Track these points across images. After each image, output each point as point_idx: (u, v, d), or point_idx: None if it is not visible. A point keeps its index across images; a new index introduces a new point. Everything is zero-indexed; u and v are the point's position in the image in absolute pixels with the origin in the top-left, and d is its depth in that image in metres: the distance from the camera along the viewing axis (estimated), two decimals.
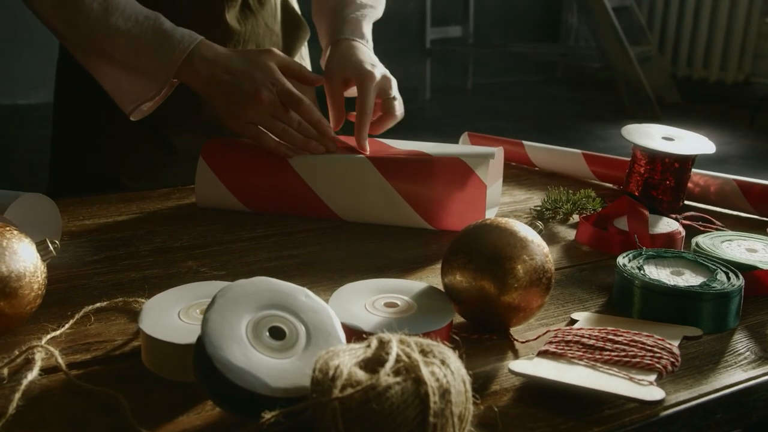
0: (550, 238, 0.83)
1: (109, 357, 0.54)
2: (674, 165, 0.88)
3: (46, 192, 1.12)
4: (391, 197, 0.82)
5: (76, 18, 0.87)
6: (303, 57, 1.25)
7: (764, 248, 0.72)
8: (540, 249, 0.57)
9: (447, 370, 0.42)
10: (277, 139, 0.86)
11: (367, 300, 0.57)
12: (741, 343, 0.59)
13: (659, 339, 0.53)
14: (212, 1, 1.03)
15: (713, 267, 0.65)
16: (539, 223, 0.64)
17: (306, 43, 1.25)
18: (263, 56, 0.88)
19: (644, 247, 0.69)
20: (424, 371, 0.41)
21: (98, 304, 0.61)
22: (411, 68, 5.02)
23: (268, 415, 0.41)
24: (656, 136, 0.90)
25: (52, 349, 0.52)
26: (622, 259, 0.66)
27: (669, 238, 0.76)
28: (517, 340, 0.58)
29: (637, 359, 0.51)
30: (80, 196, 0.95)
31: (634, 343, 0.53)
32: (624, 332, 0.54)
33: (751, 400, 0.53)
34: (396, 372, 0.41)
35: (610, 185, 1.04)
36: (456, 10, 5.25)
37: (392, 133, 0.93)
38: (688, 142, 0.89)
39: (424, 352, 0.44)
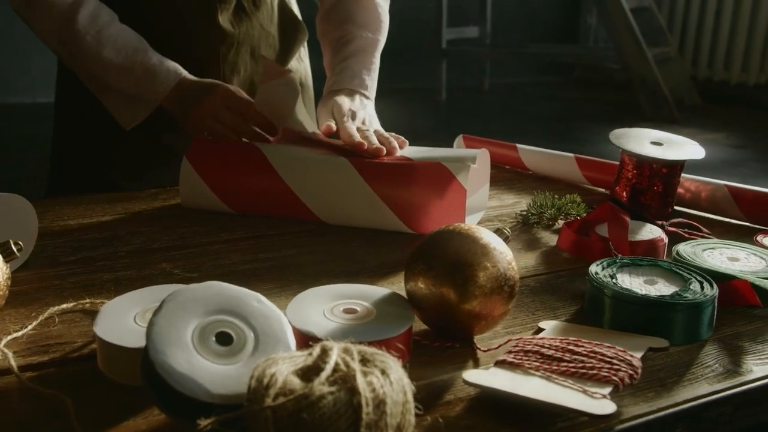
0: (533, 243, 0.81)
1: (67, 359, 0.54)
2: (662, 170, 0.86)
3: (47, 191, 1.14)
4: (372, 201, 0.82)
5: (74, 49, 0.95)
6: (302, 58, 1.25)
7: (747, 257, 0.71)
8: (503, 256, 0.56)
9: (386, 380, 0.41)
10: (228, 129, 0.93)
11: (327, 306, 0.56)
12: (711, 355, 0.57)
13: (620, 350, 0.52)
14: (205, 4, 1.03)
15: (687, 276, 0.63)
16: (506, 230, 0.63)
17: (305, 44, 1.24)
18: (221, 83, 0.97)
19: (619, 255, 0.68)
20: (360, 381, 0.40)
21: (64, 306, 0.62)
22: (427, 69, 5.01)
23: (203, 422, 0.41)
24: (645, 141, 0.88)
25: (6, 351, 0.52)
26: (594, 267, 0.64)
27: (650, 246, 0.75)
28: (479, 349, 0.57)
29: (594, 371, 0.50)
30: (70, 195, 0.96)
31: (594, 355, 0.51)
32: (585, 343, 0.53)
33: (714, 415, 0.51)
34: (332, 381, 0.40)
35: (602, 190, 1.02)
36: (473, 11, 5.22)
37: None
38: (677, 147, 0.87)
39: (365, 361, 0.43)
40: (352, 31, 1.06)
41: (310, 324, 0.53)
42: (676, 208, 0.93)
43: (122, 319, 0.53)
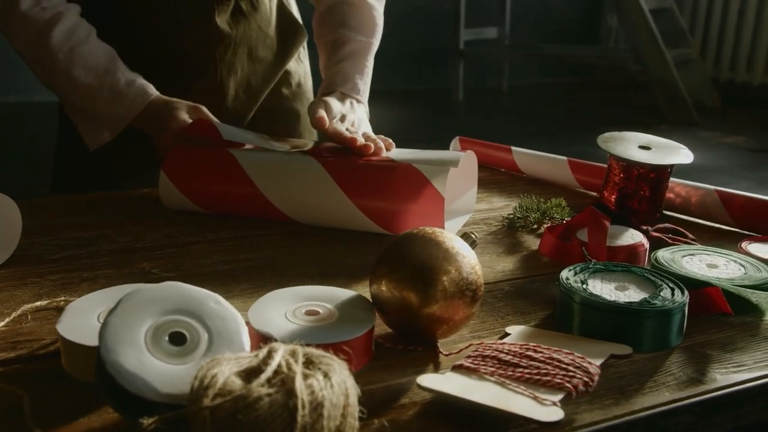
0: (515, 247, 0.81)
1: (33, 356, 0.55)
2: (650, 175, 0.86)
3: (50, 189, 1.16)
4: (348, 209, 0.82)
5: (46, 67, 0.95)
6: (301, 59, 1.25)
7: (726, 264, 0.70)
8: (466, 261, 0.56)
9: (327, 382, 0.42)
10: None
11: (290, 307, 0.57)
12: (677, 363, 0.56)
13: (579, 357, 0.52)
14: (202, 5, 1.04)
15: (660, 283, 0.63)
16: (474, 235, 0.63)
17: (305, 46, 1.25)
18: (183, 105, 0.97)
19: (593, 260, 0.67)
20: (299, 383, 0.40)
21: (38, 303, 0.63)
22: (444, 69, 5.00)
23: (146, 421, 0.41)
24: (633, 145, 0.88)
25: None
26: (566, 273, 0.64)
27: (631, 251, 0.74)
28: (441, 353, 0.57)
29: (548, 377, 0.49)
30: (71, 194, 0.98)
31: (550, 361, 0.51)
32: (544, 349, 0.53)
33: (672, 424, 0.51)
34: (271, 383, 0.41)
35: (595, 194, 1.01)
36: (491, 12, 5.20)
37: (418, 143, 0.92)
38: (666, 151, 0.86)
39: (309, 364, 0.43)
40: (345, 35, 1.07)
41: (269, 325, 0.53)
42: (667, 213, 0.92)
43: (86, 318, 0.54)
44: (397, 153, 0.87)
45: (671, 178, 0.91)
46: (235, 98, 1.13)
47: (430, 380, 0.50)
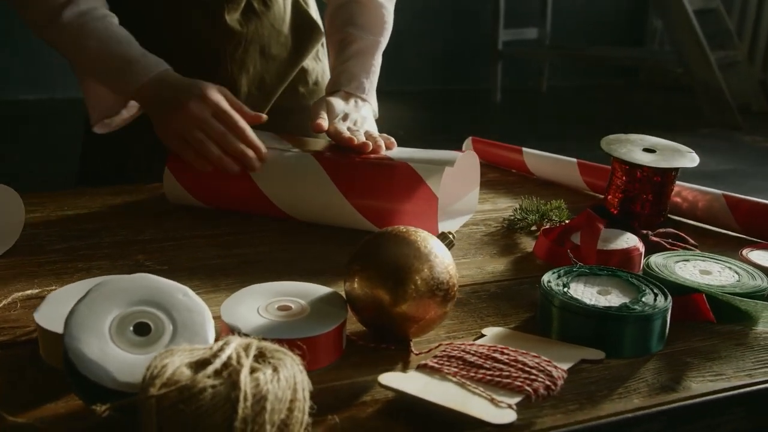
0: (510, 248, 0.80)
1: (15, 342, 0.57)
2: (654, 178, 0.84)
3: (75, 182, 1.19)
4: (345, 208, 0.82)
5: (57, 39, 0.95)
6: (319, 58, 1.26)
7: (721, 271, 0.68)
8: (439, 260, 0.56)
9: (275, 377, 0.42)
10: (194, 155, 0.86)
11: (264, 302, 0.57)
12: (652, 370, 0.55)
13: (545, 360, 0.51)
14: (211, 3, 1.06)
15: (642, 287, 0.61)
16: (451, 235, 0.63)
17: (324, 44, 1.26)
18: (210, 84, 0.90)
19: (578, 263, 0.66)
20: (243, 376, 0.41)
21: (29, 291, 0.65)
22: (481, 70, 4.97)
23: (99, 408, 0.43)
24: (637, 148, 0.86)
25: None
26: (548, 276, 0.63)
27: (625, 255, 0.73)
28: (413, 352, 0.57)
29: (509, 380, 0.49)
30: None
31: (515, 363, 0.51)
32: (512, 351, 0.52)
33: (639, 431, 0.50)
34: (217, 375, 0.41)
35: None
36: (532, 12, 5.15)
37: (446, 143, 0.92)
38: (671, 154, 0.84)
39: (261, 357, 0.44)
40: (353, 33, 1.07)
41: (238, 319, 0.54)
42: (673, 217, 0.90)
43: (64, 307, 0.55)
44: (398, 152, 0.87)
45: (679, 182, 0.89)
46: (248, 95, 1.14)
47: (391, 379, 0.50)
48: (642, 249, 0.74)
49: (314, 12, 1.22)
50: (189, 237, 0.82)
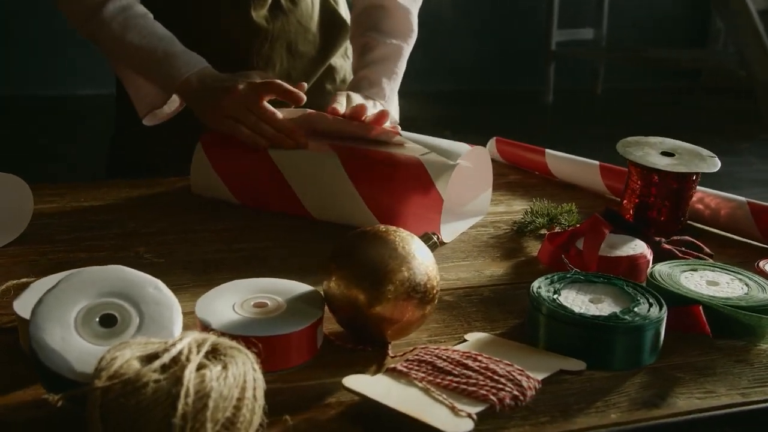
0: (514, 252, 0.78)
1: (0, 330, 0.58)
2: (672, 183, 0.80)
3: (105, 174, 1.21)
4: (355, 200, 0.81)
5: (98, 34, 0.98)
6: (348, 56, 1.25)
7: (729, 282, 0.64)
8: (418, 262, 0.54)
9: (223, 374, 0.41)
10: (250, 132, 0.89)
11: (241, 299, 0.57)
12: (638, 384, 0.53)
13: (517, 370, 0.49)
14: (238, 0, 1.07)
15: (637, 297, 0.58)
16: (435, 236, 0.61)
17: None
18: (251, 73, 0.95)
19: (574, 269, 0.64)
20: (187, 372, 0.40)
21: (24, 279, 0.66)
22: (532, 70, 4.89)
23: (53, 398, 0.43)
24: (656, 150, 0.82)
25: None
26: (540, 282, 0.61)
27: (631, 262, 0.70)
28: (389, 355, 0.55)
29: (475, 388, 0.47)
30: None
31: (485, 371, 0.49)
32: (485, 358, 0.51)
33: None
34: (165, 370, 0.41)
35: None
36: (588, 12, 5.04)
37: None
38: (690, 158, 0.81)
39: (214, 354, 0.43)
40: (375, 38, 1.06)
41: (209, 314, 0.54)
42: (694, 224, 0.86)
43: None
44: (408, 137, 0.87)
45: (701, 188, 0.85)
46: None
47: (355, 381, 0.48)
48: (650, 256, 0.71)
49: (343, 11, 1.21)
50: (194, 231, 0.82)
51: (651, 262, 0.71)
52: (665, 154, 0.82)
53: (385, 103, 1.03)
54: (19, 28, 4.33)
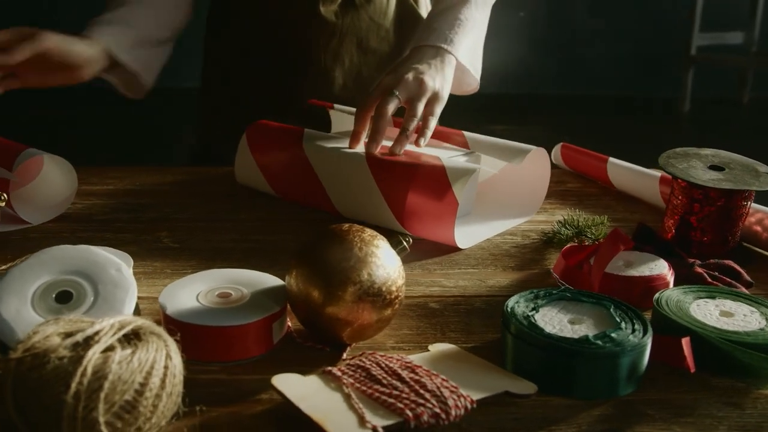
0: (531, 263, 0.74)
1: None
2: (718, 200, 0.72)
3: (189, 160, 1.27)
4: (376, 197, 0.80)
5: None
6: None
7: (748, 315, 0.57)
8: (378, 265, 0.52)
9: (129, 358, 0.42)
10: None
11: (208, 288, 0.57)
12: (596, 416, 0.48)
13: (451, 386, 0.46)
14: None
15: (621, 321, 0.53)
16: (405, 241, 0.58)
17: None
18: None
19: (563, 286, 0.59)
20: (91, 352, 0.41)
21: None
22: (668, 76, 4.59)
23: None
24: (702, 163, 0.74)
25: None
26: (518, 297, 0.57)
27: (645, 284, 0.63)
28: (344, 359, 0.54)
29: (394, 400, 0.45)
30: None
31: (414, 384, 0.46)
32: (423, 371, 0.48)
33: None
34: (74, 348, 0.42)
35: None
36: (739, 15, 4.66)
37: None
38: (741, 174, 0.72)
39: (134, 337, 0.44)
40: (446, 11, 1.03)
41: (168, 299, 0.55)
42: (751, 247, 0.77)
43: None
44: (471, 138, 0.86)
45: (759, 206, 0.76)
46: (343, 87, 1.15)
47: (281, 381, 0.48)
48: (671, 278, 0.64)
49: (423, 9, 1.19)
50: (220, 220, 0.85)
51: (672, 285, 0.64)
52: (714, 168, 0.74)
53: (449, 47, 0.96)
54: None
